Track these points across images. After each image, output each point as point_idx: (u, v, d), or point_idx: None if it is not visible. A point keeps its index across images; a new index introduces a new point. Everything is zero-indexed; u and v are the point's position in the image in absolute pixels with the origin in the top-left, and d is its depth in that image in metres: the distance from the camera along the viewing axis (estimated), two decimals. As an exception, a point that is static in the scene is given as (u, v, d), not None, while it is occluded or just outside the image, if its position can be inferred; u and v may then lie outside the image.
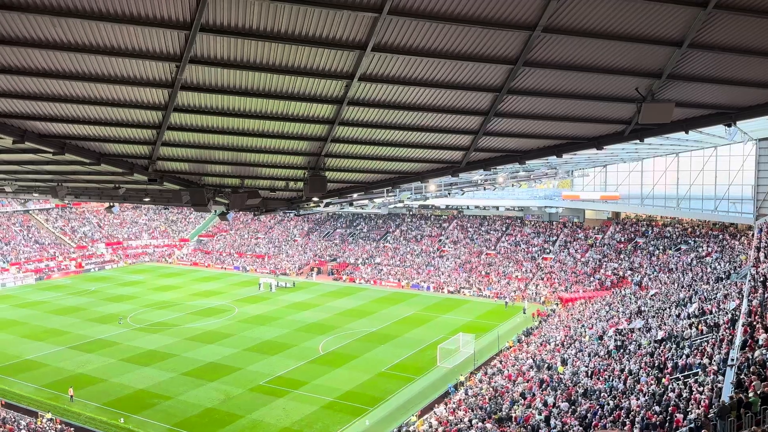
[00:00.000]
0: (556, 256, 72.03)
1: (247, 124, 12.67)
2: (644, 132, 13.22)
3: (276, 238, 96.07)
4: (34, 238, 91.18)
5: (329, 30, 8.97)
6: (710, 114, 12.71)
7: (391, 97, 11.59)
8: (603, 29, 9.22)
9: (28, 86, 10.45)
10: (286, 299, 66.29)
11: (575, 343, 37.52)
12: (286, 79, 10.53)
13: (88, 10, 8.13)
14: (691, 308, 34.56)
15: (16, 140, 12.26)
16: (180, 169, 16.20)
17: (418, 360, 44.17)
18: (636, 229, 71.31)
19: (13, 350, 47.37)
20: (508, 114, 12.38)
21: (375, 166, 16.17)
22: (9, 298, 68.59)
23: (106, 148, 14.00)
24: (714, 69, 10.61)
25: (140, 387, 39.04)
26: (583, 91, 11.47)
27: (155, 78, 10.28)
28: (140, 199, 28.11)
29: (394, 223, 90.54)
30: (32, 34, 8.65)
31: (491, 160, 15.21)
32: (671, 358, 26.56)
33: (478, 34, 9.26)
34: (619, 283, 61.51)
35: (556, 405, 26.10)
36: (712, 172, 59.69)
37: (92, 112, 11.77)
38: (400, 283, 74.04)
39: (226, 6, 8.21)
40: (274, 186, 18.28)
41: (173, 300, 66.28)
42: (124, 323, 55.68)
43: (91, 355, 45.82)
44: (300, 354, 45.79)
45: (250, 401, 36.63)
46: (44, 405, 35.72)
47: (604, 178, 70.41)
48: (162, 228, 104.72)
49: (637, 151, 47.86)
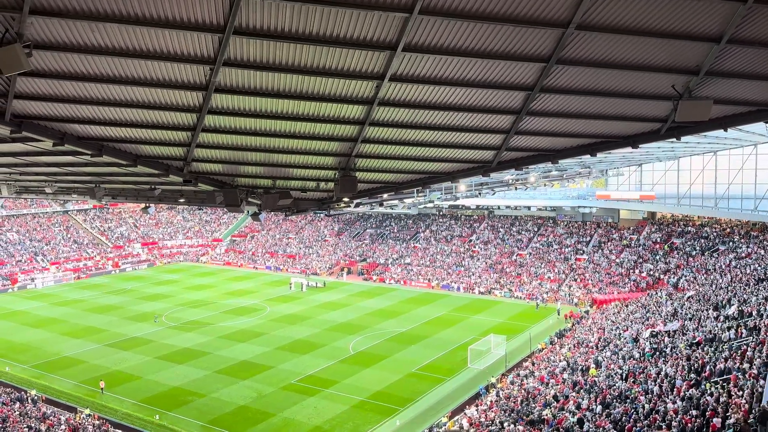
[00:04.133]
0: (589, 257, 70.91)
1: (279, 125, 12.80)
2: (681, 130, 12.90)
3: (307, 238, 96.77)
4: (73, 238, 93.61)
5: (360, 31, 9.00)
6: (750, 111, 12.36)
7: (422, 97, 11.56)
8: (638, 26, 9.04)
9: (67, 90, 10.73)
10: (317, 299, 66.70)
11: (609, 345, 36.89)
12: (318, 80, 10.60)
13: (125, 15, 8.31)
14: (730, 310, 33.67)
15: (56, 143, 12.60)
16: (214, 170, 16.44)
17: (448, 361, 43.97)
18: (672, 229, 69.78)
19: (53, 347, 48.69)
20: (540, 113, 12.22)
21: (405, 166, 16.15)
22: (49, 297, 70.54)
23: (142, 149, 14.29)
24: (754, 65, 10.31)
25: (175, 384, 39.74)
26: (618, 88, 11.26)
27: (190, 81, 10.46)
28: (175, 200, 28.61)
29: (423, 223, 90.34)
30: (71, 38, 8.87)
31: (523, 160, 15.02)
32: (709, 361, 25.92)
33: (510, 33, 9.17)
34: (654, 285, 60.25)
35: (590, 408, 25.71)
36: (752, 171, 57.97)
37: (129, 115, 12.03)
38: (430, 284, 73.81)
39: (258, 9, 8.30)
40: (305, 186, 18.41)
41: (206, 299, 67.30)
42: (159, 321, 56.75)
43: (127, 353, 46.81)
44: (330, 353, 46.03)
45: (282, 399, 36.96)
46: (82, 401, 36.61)
47: (639, 177, 69.07)
48: (196, 228, 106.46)
49: (674, 149, 46.82)
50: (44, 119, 11.97)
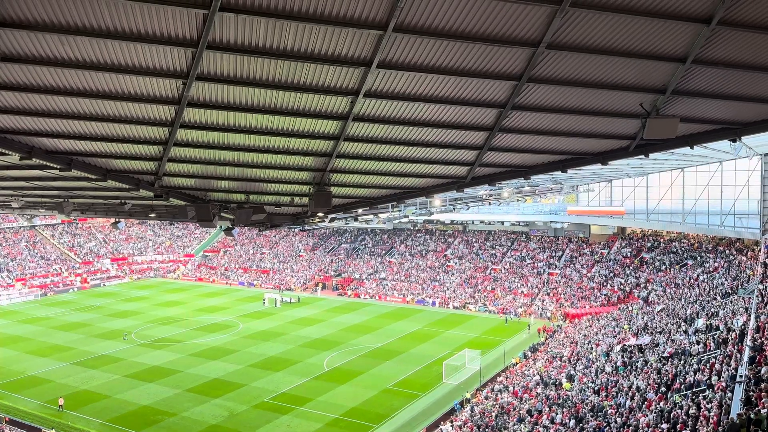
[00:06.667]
0: (561, 272, 71.69)
1: (253, 140, 12.74)
2: (649, 147, 13.23)
3: (281, 253, 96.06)
4: (40, 254, 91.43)
5: (335, 47, 9.04)
6: (715, 129, 12.72)
7: (396, 113, 11.64)
8: (607, 46, 9.26)
9: (35, 103, 10.54)
10: (291, 315, 66.10)
11: (582, 360, 37.22)
12: (292, 95, 10.60)
13: (96, 28, 8.22)
14: (698, 324, 34.28)
15: (24, 156, 12.34)
16: (186, 184, 16.26)
17: (423, 376, 43.86)
18: (642, 244, 71.01)
19: (18, 366, 47.27)
20: (512, 129, 12.40)
21: (380, 181, 16.20)
22: (14, 314, 68.59)
23: (112, 164, 14.07)
24: (718, 84, 10.64)
25: (144, 403, 38.86)
26: (588, 106, 11.49)
27: (162, 95, 10.36)
28: (146, 215, 28.18)
29: (399, 238, 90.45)
30: (40, 51, 8.74)
31: (496, 176, 15.22)
32: (679, 374, 26.30)
33: (482, 51, 9.32)
34: (625, 299, 61.12)
35: (564, 422, 25.84)
36: (718, 187, 59.45)
37: (99, 129, 11.85)
38: (405, 299, 73.76)
39: (232, 24, 8.29)
40: (279, 201, 18.32)
41: (178, 315, 66.17)
42: (129, 339, 55.55)
43: (95, 371, 45.68)
44: (304, 370, 45.55)
45: (255, 418, 36.37)
46: (47, 422, 35.52)
47: (609, 193, 70.25)
48: (167, 243, 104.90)
49: (642, 166, 47.78)
50: (11, 132, 11.73)
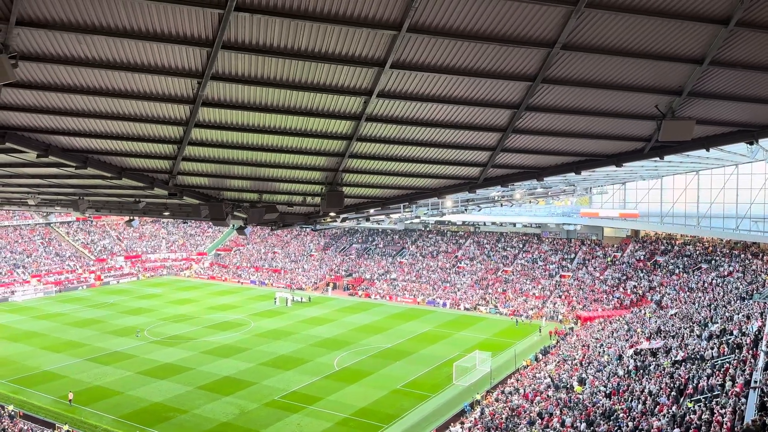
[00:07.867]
0: (574, 274, 71.25)
1: (266, 139, 12.79)
2: (664, 149, 13.09)
3: (292, 252, 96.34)
4: (55, 251, 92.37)
5: (349, 47, 9.05)
6: (731, 132, 12.57)
7: (409, 114, 11.63)
8: (622, 47, 9.19)
9: (52, 101, 10.66)
10: (302, 314, 66.27)
11: (594, 363, 36.96)
12: (306, 95, 10.62)
13: (113, 28, 8.29)
14: (712, 328, 33.93)
15: (40, 154, 12.48)
16: (199, 183, 16.36)
17: (433, 377, 43.78)
18: (655, 247, 70.41)
19: (32, 362, 47.79)
20: (526, 130, 12.34)
21: (392, 181, 16.19)
22: (29, 310, 69.38)
23: (127, 162, 14.19)
24: (735, 86, 10.51)
25: (156, 400, 39.13)
26: (603, 108, 11.41)
27: (177, 94, 10.43)
28: (160, 213, 28.40)
29: (410, 238, 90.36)
30: (58, 50, 8.83)
31: (509, 177, 15.14)
32: (692, 379, 26.04)
33: (496, 52, 9.28)
34: (638, 302, 60.62)
35: (575, 426, 25.67)
36: (734, 191, 58.83)
37: (115, 127, 11.95)
38: (416, 299, 73.66)
39: (248, 24, 8.32)
40: (291, 201, 18.37)
41: (190, 313, 66.58)
42: (141, 336, 56.00)
43: (109, 368, 46.08)
44: (315, 369, 45.64)
45: (265, 416, 36.51)
46: (61, 417, 35.90)
47: (623, 195, 69.74)
48: (180, 242, 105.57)
49: (657, 168, 47.37)
50: (29, 130, 11.86)
